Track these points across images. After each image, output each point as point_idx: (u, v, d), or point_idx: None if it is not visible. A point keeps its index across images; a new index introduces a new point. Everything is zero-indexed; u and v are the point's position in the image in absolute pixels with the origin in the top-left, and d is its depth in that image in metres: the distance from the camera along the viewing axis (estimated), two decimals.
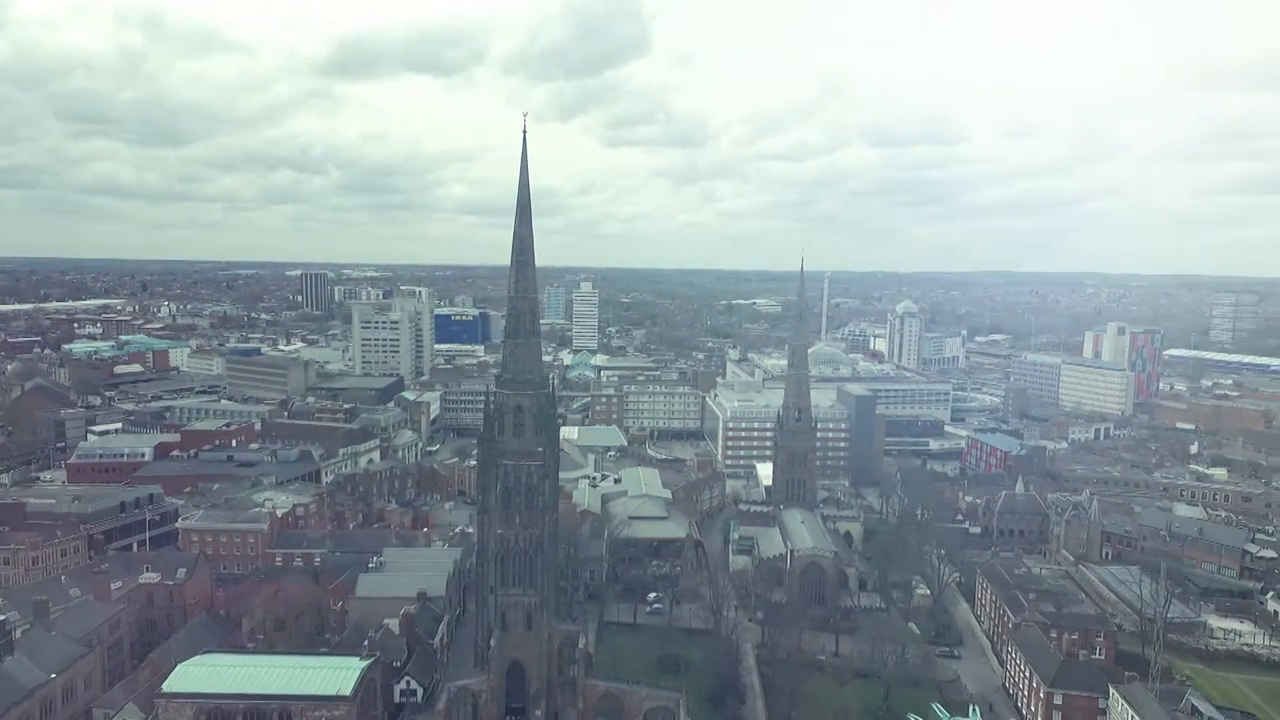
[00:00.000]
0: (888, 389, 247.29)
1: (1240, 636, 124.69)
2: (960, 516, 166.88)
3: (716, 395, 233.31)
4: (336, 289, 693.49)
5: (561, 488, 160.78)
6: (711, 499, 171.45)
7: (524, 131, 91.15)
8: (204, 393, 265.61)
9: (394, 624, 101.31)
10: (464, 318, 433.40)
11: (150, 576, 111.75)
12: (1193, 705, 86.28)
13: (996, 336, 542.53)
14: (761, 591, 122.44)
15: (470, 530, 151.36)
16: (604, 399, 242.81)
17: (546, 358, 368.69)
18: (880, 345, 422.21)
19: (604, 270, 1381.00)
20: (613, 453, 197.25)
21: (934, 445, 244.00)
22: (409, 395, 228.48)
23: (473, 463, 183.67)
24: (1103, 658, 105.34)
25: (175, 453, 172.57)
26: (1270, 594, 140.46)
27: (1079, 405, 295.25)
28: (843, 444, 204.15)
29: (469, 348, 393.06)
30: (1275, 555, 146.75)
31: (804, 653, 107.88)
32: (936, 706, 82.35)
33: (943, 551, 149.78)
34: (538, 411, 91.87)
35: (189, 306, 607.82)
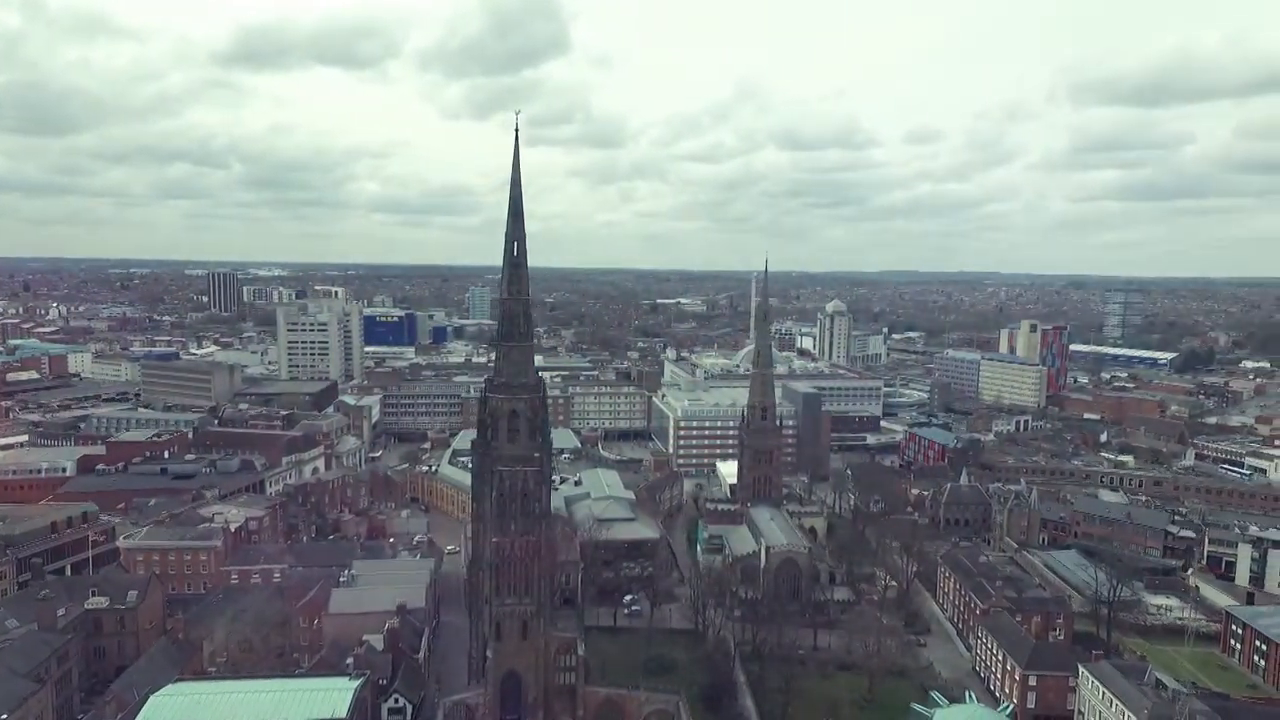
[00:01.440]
0: (824, 386, 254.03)
1: (1171, 611, 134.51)
2: (910, 508, 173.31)
3: (664, 395, 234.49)
4: (245, 289, 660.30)
5: None
6: (671, 499, 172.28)
7: (516, 130, 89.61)
8: (115, 400, 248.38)
9: (376, 639, 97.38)
10: (390, 319, 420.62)
11: (98, 601, 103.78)
12: (1156, 679, 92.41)
13: (911, 334, 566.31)
14: (737, 589, 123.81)
15: (426, 537, 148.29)
16: (549, 401, 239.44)
17: (481, 359, 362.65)
18: (807, 343, 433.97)
19: None
20: (566, 455, 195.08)
21: (871, 440, 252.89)
22: (349, 399, 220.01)
23: (425, 468, 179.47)
24: (1063, 638, 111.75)
25: (101, 467, 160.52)
26: (1190, 571, 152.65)
27: (998, 398, 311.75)
28: (791, 441, 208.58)
29: (398, 349, 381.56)
30: (1193, 535, 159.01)
31: (784, 647, 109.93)
32: (935, 695, 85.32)
33: (896, 544, 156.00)
34: (532, 416, 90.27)
35: (81, 308, 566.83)
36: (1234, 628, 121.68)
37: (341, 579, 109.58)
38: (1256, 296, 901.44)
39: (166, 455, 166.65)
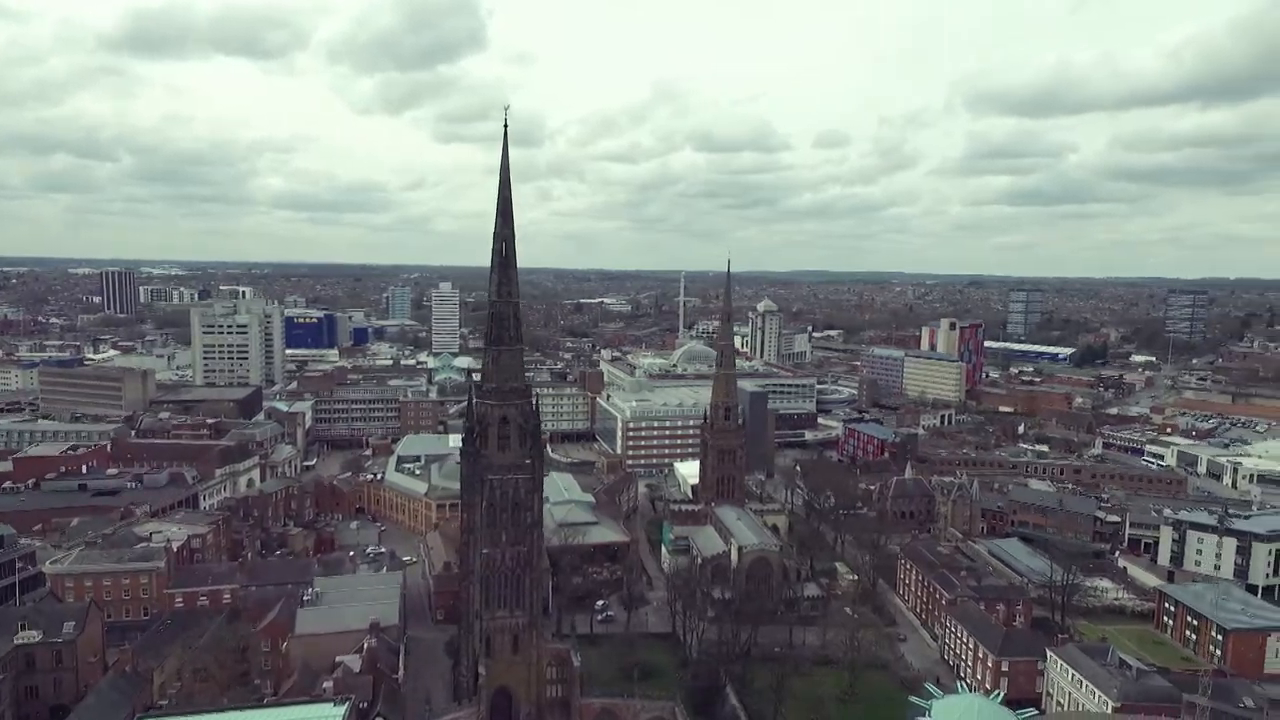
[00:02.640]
0: (763, 385, 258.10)
1: (1107, 593, 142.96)
2: (859, 503, 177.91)
3: (609, 396, 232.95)
4: (142, 289, 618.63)
5: None
6: (628, 501, 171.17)
7: (505, 125, 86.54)
8: (7, 411, 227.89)
9: (352, 660, 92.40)
10: (309, 320, 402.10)
11: (29, 635, 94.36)
12: (1120, 659, 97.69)
13: (830, 332, 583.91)
14: (709, 590, 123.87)
15: (384, 549, 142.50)
16: None
17: (410, 361, 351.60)
18: (735, 342, 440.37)
19: (439, 269, 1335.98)
20: None
21: (809, 436, 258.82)
22: (280, 405, 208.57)
23: (370, 476, 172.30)
24: (1023, 624, 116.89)
25: (8, 484, 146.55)
26: (1117, 553, 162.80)
27: (922, 394, 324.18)
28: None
29: (319, 352, 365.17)
30: (1118, 520, 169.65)
31: (760, 646, 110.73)
32: (930, 686, 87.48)
33: (850, 537, 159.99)
34: (523, 422, 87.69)
35: None
36: (1166, 605, 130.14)
37: (305, 597, 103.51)
38: (1134, 295, 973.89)
39: (84, 470, 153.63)
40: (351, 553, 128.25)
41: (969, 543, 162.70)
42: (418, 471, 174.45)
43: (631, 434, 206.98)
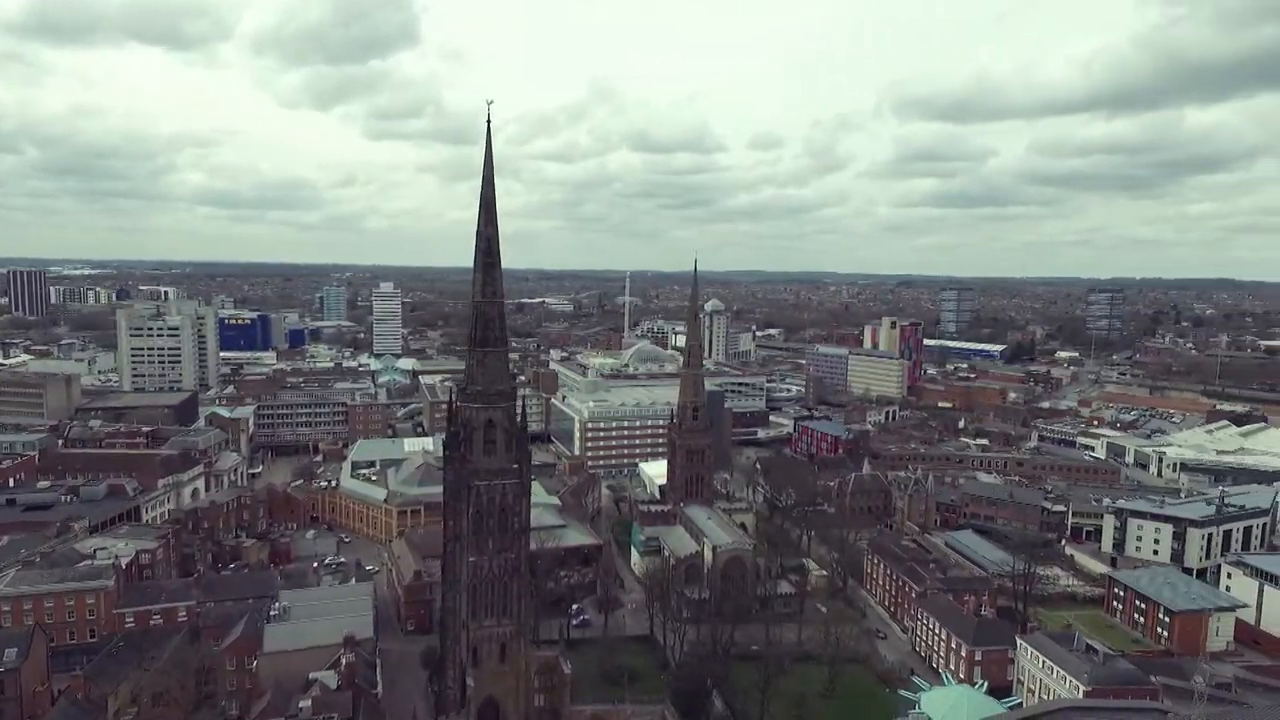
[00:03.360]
0: (716, 383, 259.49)
1: (1059, 580, 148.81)
2: (820, 499, 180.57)
3: (565, 397, 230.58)
4: (53, 289, 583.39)
5: (438, 503, 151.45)
6: (592, 503, 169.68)
7: (488, 120, 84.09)
8: None
9: (327, 677, 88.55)
10: (242, 321, 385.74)
11: None
12: (1086, 644, 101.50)
13: (771, 331, 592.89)
14: (683, 590, 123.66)
15: (344, 560, 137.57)
16: (443, 406, 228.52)
17: (351, 363, 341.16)
18: (681, 341, 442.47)
19: (372, 268, 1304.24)
20: None
21: (762, 434, 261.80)
22: (222, 411, 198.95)
23: (323, 483, 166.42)
24: (989, 614, 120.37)
25: None
26: (1063, 542, 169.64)
27: (866, 391, 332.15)
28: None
29: (254, 354, 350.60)
30: (1063, 510, 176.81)
31: (738, 645, 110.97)
32: (916, 679, 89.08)
33: (812, 533, 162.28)
34: (510, 425, 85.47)
35: None
36: (1116, 590, 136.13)
37: (271, 612, 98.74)
38: (1052, 294, 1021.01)
39: (11, 484, 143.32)
40: (316, 564, 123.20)
41: (926, 536, 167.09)
42: (374, 477, 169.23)
43: (590, 435, 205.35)
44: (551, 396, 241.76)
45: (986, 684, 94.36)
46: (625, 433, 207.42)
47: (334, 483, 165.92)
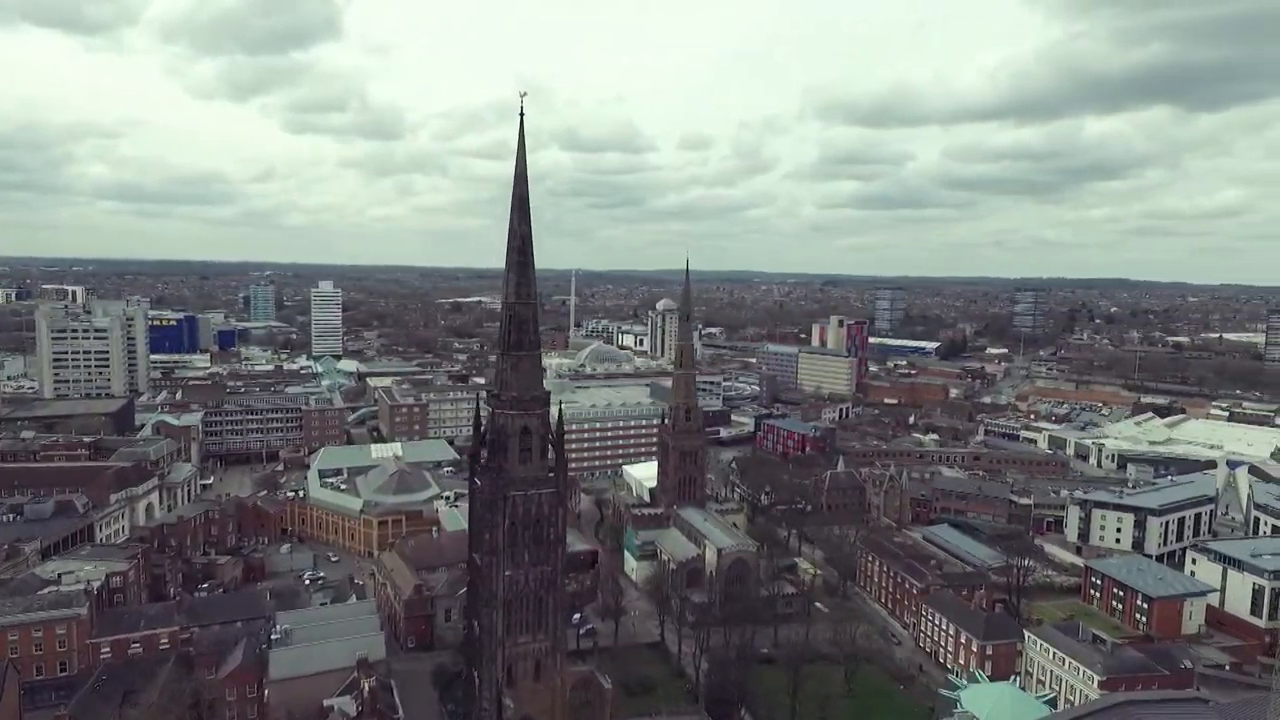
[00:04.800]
0: None
1: (1035, 571, 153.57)
2: (798, 498, 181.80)
3: None
4: None
5: (420, 513, 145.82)
6: (574, 507, 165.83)
7: (521, 114, 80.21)
8: None
9: (344, 703, 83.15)
10: (168, 323, 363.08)
11: None
12: (1093, 634, 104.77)
13: (713, 330, 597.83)
14: (686, 595, 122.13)
15: (323, 576, 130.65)
16: (404, 410, 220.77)
17: (292, 366, 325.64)
18: (628, 340, 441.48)
19: (292, 266, 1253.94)
20: (449, 468, 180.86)
21: (724, 433, 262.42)
22: (169, 419, 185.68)
23: (290, 494, 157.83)
24: (987, 607, 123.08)
25: None
26: (1032, 533, 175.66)
27: (818, 388, 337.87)
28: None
29: (185, 357, 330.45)
30: (1030, 502, 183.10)
31: (746, 648, 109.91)
32: (952, 678, 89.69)
33: (795, 532, 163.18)
34: (545, 432, 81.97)
35: None
36: (1093, 579, 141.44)
37: (273, 636, 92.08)
38: (971, 293, 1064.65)
39: None
40: (307, 580, 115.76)
41: (903, 531, 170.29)
42: (343, 486, 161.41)
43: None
44: None
45: (1051, 694, 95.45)
46: (599, 435, 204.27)
47: (301, 493, 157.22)
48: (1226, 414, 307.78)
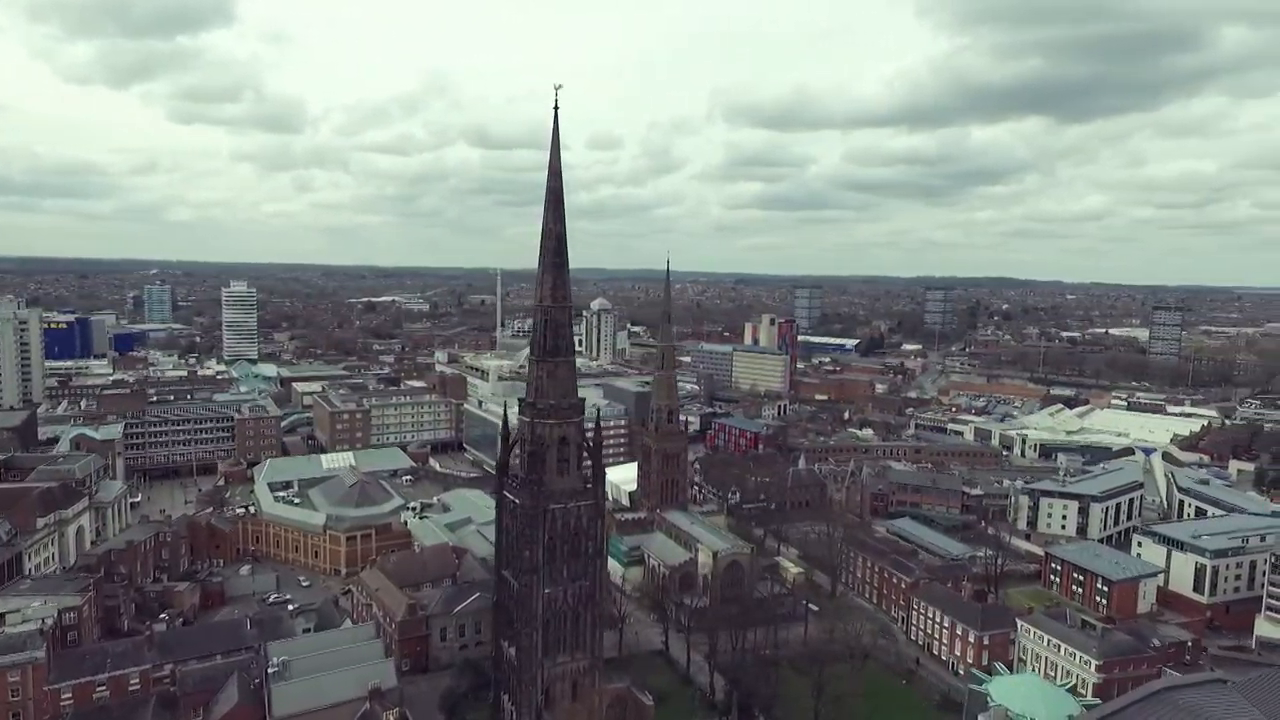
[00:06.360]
0: (632, 383, 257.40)
1: (1005, 561, 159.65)
2: (762, 496, 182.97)
3: (482, 403, 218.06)
4: None
5: (389, 526, 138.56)
6: None
7: (555, 107, 76.07)
8: None
9: None
10: (58, 325, 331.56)
11: None
12: (1081, 620, 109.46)
13: (637, 329, 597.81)
14: (681, 600, 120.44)
15: (290, 598, 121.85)
16: (345, 416, 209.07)
17: (206, 371, 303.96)
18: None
19: (181, 264, 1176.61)
20: (406, 477, 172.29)
21: None
22: (90, 432, 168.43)
23: (241, 510, 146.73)
24: (969, 597, 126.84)
25: None
26: (983, 523, 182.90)
27: (753, 386, 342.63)
28: (624, 439, 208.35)
29: (82, 363, 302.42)
30: (980, 493, 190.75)
31: (748, 651, 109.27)
32: (975, 672, 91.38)
33: (767, 530, 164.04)
34: (581, 441, 78.41)
35: None
36: (1053, 565, 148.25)
37: (270, 670, 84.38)
38: (874, 290, 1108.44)
39: None
40: (291, 605, 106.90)
41: (866, 526, 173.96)
42: (296, 500, 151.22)
43: None
44: (463, 402, 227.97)
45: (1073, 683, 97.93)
46: None
47: (253, 509, 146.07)
48: (1125, 404, 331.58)
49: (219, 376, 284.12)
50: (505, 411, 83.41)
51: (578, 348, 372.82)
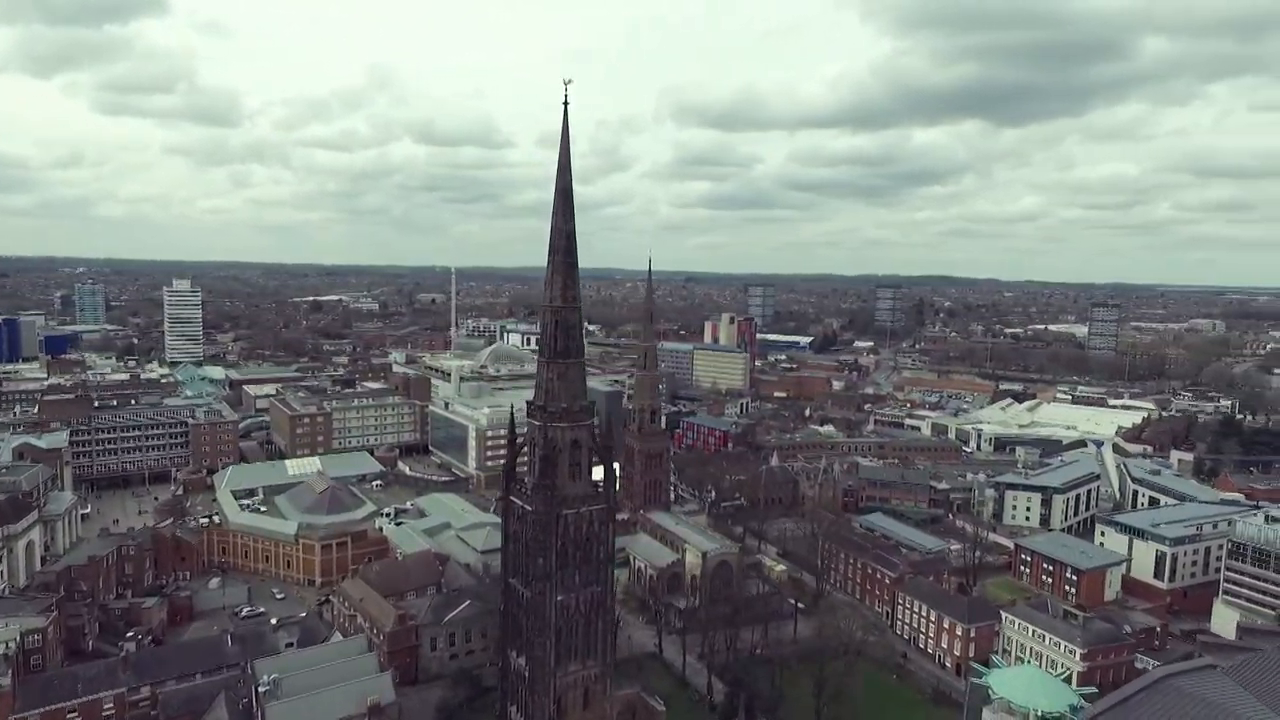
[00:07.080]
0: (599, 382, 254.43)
1: (982, 554, 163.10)
2: (737, 494, 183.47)
3: (449, 404, 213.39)
4: None
5: (364, 533, 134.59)
6: None
7: (565, 104, 74.17)
8: None
9: None
10: None
11: None
12: (1063, 610, 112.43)
13: (591, 327, 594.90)
14: (670, 601, 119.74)
15: (263, 611, 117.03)
16: (306, 420, 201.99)
17: (151, 375, 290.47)
18: (515, 340, 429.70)
19: (109, 262, 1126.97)
20: (375, 482, 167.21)
21: None
22: (34, 440, 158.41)
23: (205, 519, 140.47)
24: (951, 590, 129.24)
25: None
26: (950, 516, 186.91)
27: (714, 384, 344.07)
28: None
29: (11, 367, 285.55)
30: (947, 487, 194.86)
31: (739, 650, 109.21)
32: (976, 665, 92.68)
33: (742, 528, 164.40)
34: (592, 444, 76.78)
35: None
36: (1023, 556, 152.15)
37: (260, 688, 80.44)
38: (821, 288, 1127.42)
39: None
40: (274, 620, 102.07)
41: (838, 520, 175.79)
42: (262, 508, 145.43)
43: (490, 444, 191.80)
44: (428, 404, 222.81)
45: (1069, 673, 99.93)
46: None
47: (218, 518, 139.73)
48: (1070, 398, 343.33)
49: (164, 380, 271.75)
50: (512, 415, 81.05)
51: (533, 347, 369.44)
